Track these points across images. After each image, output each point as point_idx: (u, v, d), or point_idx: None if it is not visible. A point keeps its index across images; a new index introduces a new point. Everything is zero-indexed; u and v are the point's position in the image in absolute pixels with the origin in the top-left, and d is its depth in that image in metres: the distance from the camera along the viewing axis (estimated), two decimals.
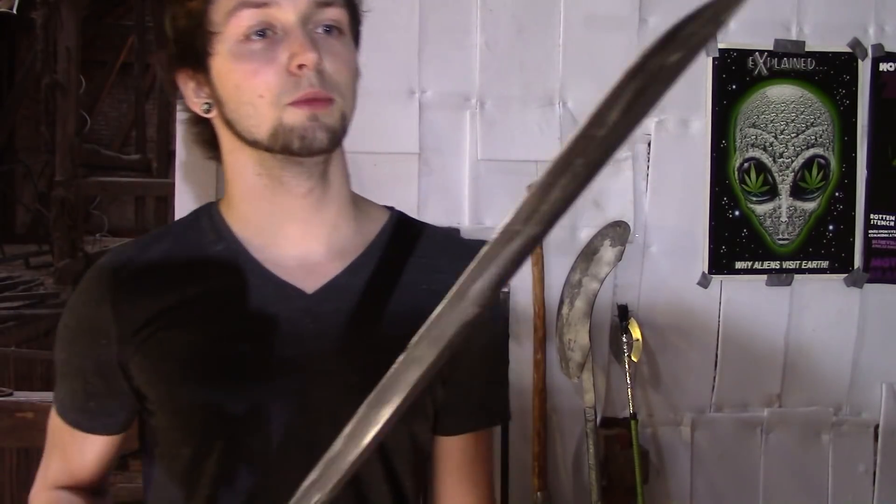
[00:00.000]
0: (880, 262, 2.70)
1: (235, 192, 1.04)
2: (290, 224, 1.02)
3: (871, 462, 2.75)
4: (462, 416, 1.09)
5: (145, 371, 1.00)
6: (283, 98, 0.94)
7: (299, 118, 0.95)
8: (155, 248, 1.04)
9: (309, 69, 0.94)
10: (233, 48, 0.95)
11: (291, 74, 0.94)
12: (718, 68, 2.59)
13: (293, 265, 1.02)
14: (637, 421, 2.51)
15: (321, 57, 0.95)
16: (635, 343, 2.50)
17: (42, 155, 6.61)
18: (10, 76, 9.59)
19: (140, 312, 1.00)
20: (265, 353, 0.98)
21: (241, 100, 0.95)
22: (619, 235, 2.53)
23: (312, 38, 0.95)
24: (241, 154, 1.01)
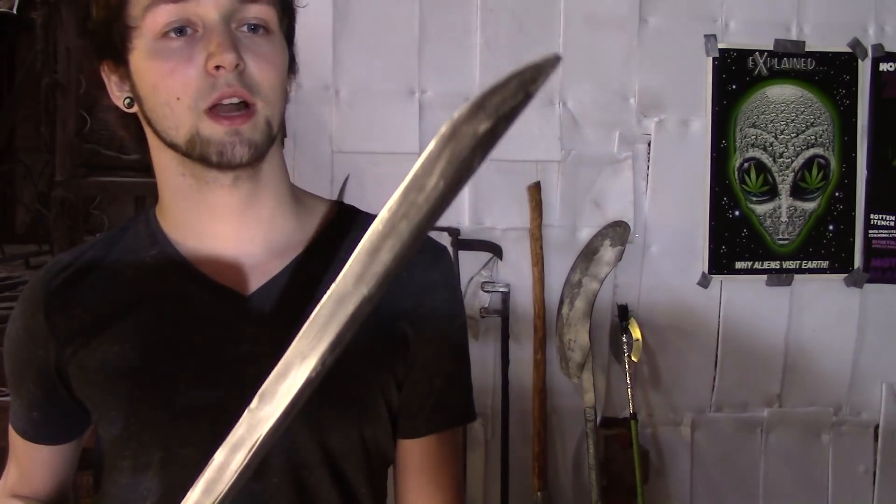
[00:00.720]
0: (880, 262, 2.70)
1: (163, 192, 1.00)
2: (220, 224, 0.96)
3: (871, 462, 2.75)
4: (420, 418, 1.02)
5: (80, 381, 0.96)
6: (200, 102, 0.88)
7: (217, 133, 0.89)
8: (89, 255, 1.00)
9: (227, 70, 0.87)
10: (150, 45, 0.89)
11: (209, 75, 0.88)
12: (718, 68, 2.59)
13: (228, 266, 0.97)
14: (637, 421, 2.51)
15: (240, 57, 0.88)
16: (635, 343, 2.50)
17: (42, 155, 6.60)
18: (10, 76, 9.57)
19: (73, 321, 0.97)
20: (202, 359, 0.94)
21: (158, 100, 0.90)
22: (619, 235, 2.53)
23: (234, 37, 0.89)
24: (163, 153, 0.95)
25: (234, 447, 0.74)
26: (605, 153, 2.55)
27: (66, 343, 0.96)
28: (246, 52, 0.89)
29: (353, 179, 2.45)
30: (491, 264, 2.51)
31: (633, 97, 2.56)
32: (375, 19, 2.45)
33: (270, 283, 0.97)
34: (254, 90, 0.90)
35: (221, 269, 0.97)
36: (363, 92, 2.45)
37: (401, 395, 1.01)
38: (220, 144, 0.89)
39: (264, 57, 0.91)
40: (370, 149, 2.46)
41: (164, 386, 0.94)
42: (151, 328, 0.95)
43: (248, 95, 0.89)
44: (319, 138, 2.44)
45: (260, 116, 0.91)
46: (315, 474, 0.95)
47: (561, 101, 2.53)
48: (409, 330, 0.99)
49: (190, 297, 0.96)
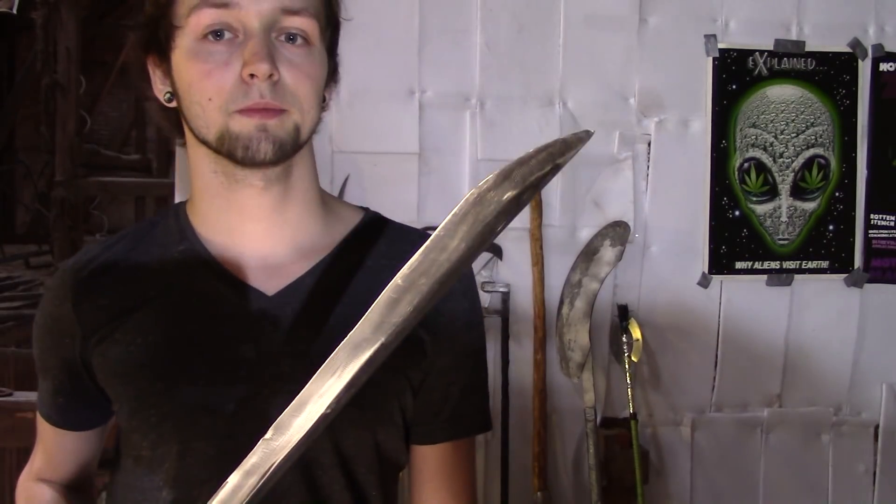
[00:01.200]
0: (880, 262, 2.70)
1: (196, 188, 1.01)
2: (250, 223, 0.98)
3: (871, 462, 2.75)
4: (435, 425, 1.05)
5: (103, 371, 0.99)
6: (230, 105, 0.91)
7: (246, 127, 0.91)
8: (119, 247, 1.03)
9: (259, 80, 0.90)
10: (191, 45, 0.92)
11: (243, 82, 0.90)
12: (718, 68, 2.59)
13: (255, 266, 0.99)
14: (637, 421, 2.51)
15: (275, 67, 0.90)
16: (635, 343, 2.50)
17: (42, 155, 6.61)
18: (10, 76, 9.59)
19: (100, 312, 0.99)
20: (222, 355, 0.96)
21: (192, 99, 0.93)
22: (619, 235, 2.53)
23: (272, 46, 0.91)
24: (198, 149, 0.98)
25: (248, 473, 0.78)
26: (605, 153, 2.55)
27: (91, 332, 0.98)
28: (282, 63, 0.91)
29: (352, 179, 2.46)
30: (491, 264, 2.51)
31: (633, 97, 2.56)
32: (375, 19, 2.45)
33: (294, 285, 0.99)
34: (286, 100, 0.92)
35: (247, 267, 0.99)
36: (363, 92, 2.45)
37: (416, 401, 1.02)
38: (247, 139, 0.91)
39: (300, 68, 0.93)
40: (370, 149, 2.46)
41: (184, 380, 0.96)
42: (174, 322, 0.97)
43: (280, 105, 0.91)
44: (319, 138, 2.43)
45: (289, 118, 0.93)
46: (328, 474, 0.97)
47: (561, 101, 2.53)
48: (426, 337, 1.00)
49: (214, 293, 0.98)
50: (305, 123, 0.95)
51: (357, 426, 0.97)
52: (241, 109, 0.91)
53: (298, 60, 0.93)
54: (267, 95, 0.90)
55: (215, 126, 0.92)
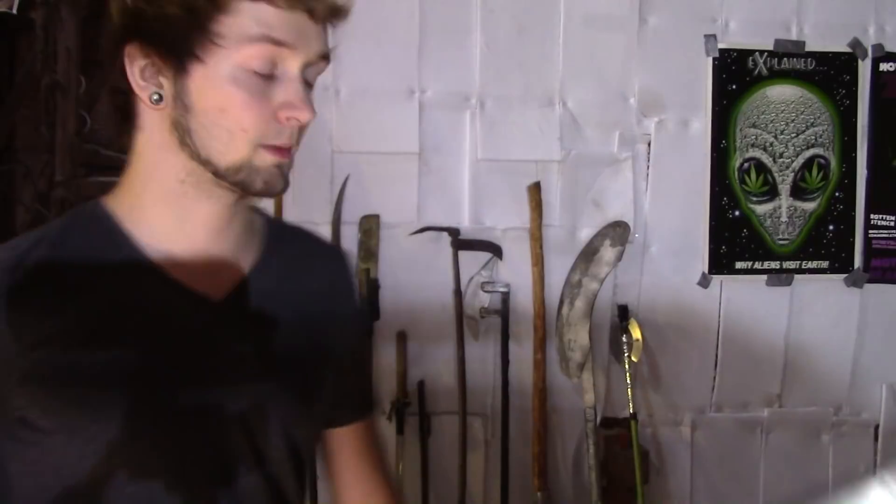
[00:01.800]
0: (880, 262, 2.70)
1: (149, 193, 0.97)
2: (205, 232, 0.97)
3: (871, 462, 2.74)
4: (346, 409, 1.15)
5: (39, 396, 0.89)
6: (261, 139, 0.92)
7: (266, 163, 0.93)
8: (36, 256, 0.93)
9: (300, 125, 0.94)
10: (234, 72, 0.90)
11: (277, 121, 0.92)
12: (718, 68, 2.59)
13: (199, 273, 0.97)
14: (637, 421, 2.51)
15: (313, 115, 0.94)
16: (635, 343, 2.50)
17: (42, 155, 6.63)
18: (10, 76, 9.60)
19: (41, 327, 0.90)
20: (185, 366, 0.95)
21: (221, 123, 0.91)
22: (619, 235, 2.53)
23: (305, 89, 0.95)
24: (171, 156, 0.94)
25: None
26: (605, 153, 2.55)
27: (31, 349, 0.89)
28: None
29: (352, 179, 2.45)
30: (491, 264, 2.51)
31: (633, 97, 2.56)
32: (375, 19, 2.45)
33: (237, 290, 1.00)
34: (297, 140, 0.96)
35: (193, 274, 0.97)
36: (363, 92, 2.45)
37: (327, 392, 1.08)
38: (266, 174, 0.94)
39: (313, 111, 0.97)
40: (370, 149, 2.46)
41: (154, 394, 0.93)
42: (133, 337, 0.93)
43: (294, 145, 0.96)
44: (319, 138, 2.44)
45: (293, 156, 0.97)
46: (283, 469, 1.01)
47: (561, 101, 2.53)
48: (325, 338, 1.07)
49: (163, 302, 0.96)
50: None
51: (300, 422, 1.03)
52: (267, 145, 0.92)
53: (313, 105, 0.97)
54: (294, 138, 0.94)
55: (238, 155, 0.92)
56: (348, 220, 2.46)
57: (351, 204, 2.46)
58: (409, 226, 2.48)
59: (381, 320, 2.46)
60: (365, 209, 2.47)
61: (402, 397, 2.45)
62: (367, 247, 2.45)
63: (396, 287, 2.48)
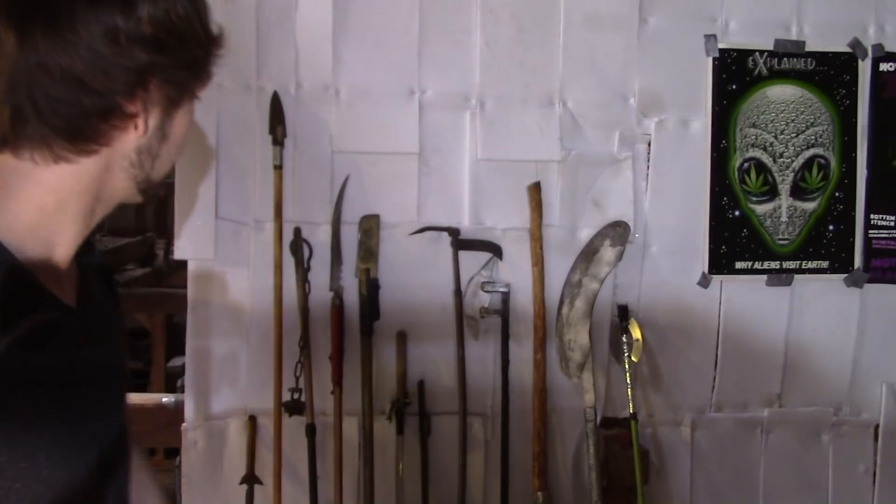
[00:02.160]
0: (880, 262, 2.70)
1: (56, 206, 0.98)
2: (76, 238, 1.02)
3: (871, 462, 2.75)
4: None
5: None
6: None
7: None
8: None
9: None
10: (193, 105, 1.07)
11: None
12: (718, 68, 2.59)
13: (58, 279, 0.99)
14: (637, 421, 2.51)
15: None
16: (635, 343, 2.50)
17: None
18: None
19: None
20: (74, 380, 0.97)
21: (179, 149, 1.06)
22: (619, 235, 2.53)
23: None
24: (110, 175, 1.01)
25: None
26: (605, 153, 2.55)
27: None
28: None
29: (353, 179, 2.45)
30: (491, 264, 2.51)
31: (633, 97, 2.56)
32: (375, 19, 2.45)
33: (81, 297, 1.05)
34: None
35: (57, 284, 0.99)
36: (363, 92, 2.45)
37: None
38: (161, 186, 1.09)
39: None
40: (370, 149, 2.46)
41: (52, 415, 0.92)
42: (28, 352, 0.90)
43: None
44: (319, 138, 2.44)
45: None
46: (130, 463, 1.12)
47: (561, 101, 2.53)
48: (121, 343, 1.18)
49: (40, 307, 0.94)
50: None
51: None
52: None
53: None
54: None
55: (167, 172, 1.07)
56: (348, 220, 2.46)
57: (351, 204, 2.46)
58: (409, 226, 2.48)
59: (381, 320, 2.46)
60: (365, 209, 2.47)
61: (402, 397, 2.46)
62: (367, 247, 2.45)
63: (396, 287, 2.48)
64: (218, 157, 2.40)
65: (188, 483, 2.46)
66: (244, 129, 2.40)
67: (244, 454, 2.42)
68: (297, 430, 2.40)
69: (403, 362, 2.48)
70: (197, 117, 2.48)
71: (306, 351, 2.40)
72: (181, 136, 1.05)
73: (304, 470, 2.40)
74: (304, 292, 2.42)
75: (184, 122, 1.05)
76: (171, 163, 1.06)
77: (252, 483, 2.38)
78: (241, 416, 2.46)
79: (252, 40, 2.40)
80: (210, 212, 2.40)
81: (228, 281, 2.44)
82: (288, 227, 2.42)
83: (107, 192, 1.01)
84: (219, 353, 2.46)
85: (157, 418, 2.60)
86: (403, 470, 2.47)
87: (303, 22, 2.43)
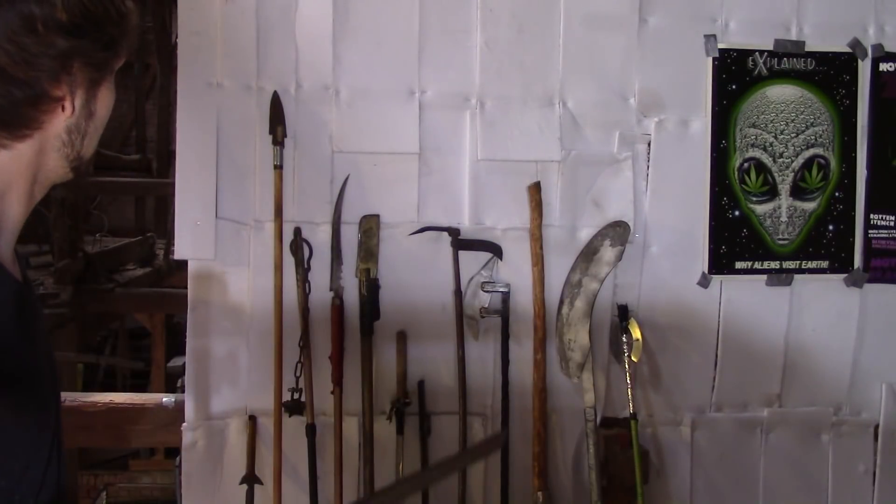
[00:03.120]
0: (880, 262, 2.70)
1: (1, 191, 1.05)
2: (20, 224, 1.09)
3: (871, 462, 2.75)
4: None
5: None
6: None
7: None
8: None
9: None
10: (111, 81, 1.11)
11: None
12: (718, 68, 2.59)
13: (8, 264, 1.07)
14: (637, 421, 2.51)
15: None
16: (635, 343, 2.50)
17: None
18: None
19: None
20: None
21: (104, 124, 1.11)
22: (619, 235, 2.53)
23: None
24: (44, 157, 1.06)
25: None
26: (605, 153, 2.55)
27: None
28: None
29: (353, 179, 2.45)
30: (491, 264, 2.51)
31: (633, 97, 2.56)
32: (375, 19, 2.45)
33: (24, 278, 1.11)
34: None
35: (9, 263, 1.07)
36: (363, 92, 2.45)
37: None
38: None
39: None
40: (370, 149, 2.46)
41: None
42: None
43: None
44: (319, 138, 2.44)
45: None
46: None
47: (561, 101, 2.53)
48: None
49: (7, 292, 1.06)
50: None
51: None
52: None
53: None
54: None
55: (94, 147, 1.11)
56: (348, 220, 2.46)
57: (351, 204, 2.46)
58: (409, 226, 2.48)
59: (381, 320, 2.46)
60: (365, 209, 2.47)
61: (402, 397, 2.46)
62: (367, 247, 2.45)
63: (396, 287, 2.48)
64: (218, 157, 2.40)
65: (188, 483, 2.46)
66: (244, 129, 2.40)
67: (244, 454, 2.42)
68: (297, 430, 2.40)
69: (403, 362, 2.48)
70: (197, 117, 2.48)
71: (306, 351, 2.40)
72: (106, 112, 1.10)
73: (304, 470, 2.40)
74: (304, 292, 2.42)
75: (107, 98, 1.09)
76: (97, 139, 1.10)
77: (252, 483, 2.38)
78: (241, 416, 2.46)
79: (252, 40, 2.40)
80: (210, 212, 2.40)
81: (228, 281, 2.44)
82: (288, 227, 2.42)
83: (43, 174, 1.07)
84: (219, 353, 2.46)
85: (157, 418, 2.60)
86: (403, 470, 2.47)
87: (303, 22, 2.43)
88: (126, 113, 8.94)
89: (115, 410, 2.59)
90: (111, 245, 6.29)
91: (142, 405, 2.64)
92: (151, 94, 8.79)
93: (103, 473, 6.27)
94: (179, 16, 2.43)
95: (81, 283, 5.21)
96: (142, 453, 6.89)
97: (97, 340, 8.15)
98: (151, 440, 2.91)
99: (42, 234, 7.24)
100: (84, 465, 6.00)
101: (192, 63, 2.38)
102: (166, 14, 7.71)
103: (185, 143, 2.40)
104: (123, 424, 2.59)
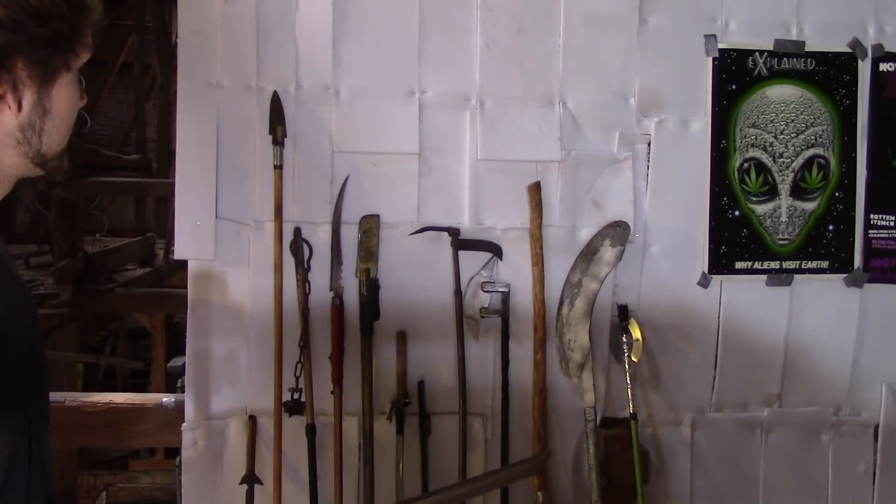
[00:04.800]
0: (880, 262, 2.70)
1: None
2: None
3: (871, 462, 2.75)
4: None
5: None
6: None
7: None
8: None
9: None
10: (76, 75, 1.08)
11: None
12: (718, 68, 2.59)
13: None
14: (637, 421, 2.51)
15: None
16: (635, 343, 2.50)
17: None
18: None
19: None
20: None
21: (67, 122, 1.08)
22: (619, 235, 2.53)
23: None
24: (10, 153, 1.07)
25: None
26: (605, 153, 2.55)
27: None
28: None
29: (353, 179, 2.46)
30: (491, 264, 2.51)
31: (633, 97, 2.56)
32: (375, 19, 2.45)
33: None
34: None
35: None
36: (363, 92, 2.45)
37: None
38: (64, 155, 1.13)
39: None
40: (370, 149, 2.46)
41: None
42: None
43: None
44: (319, 138, 2.44)
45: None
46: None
47: (561, 101, 2.53)
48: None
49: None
50: None
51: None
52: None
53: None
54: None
55: (63, 144, 1.10)
56: (348, 220, 2.46)
57: (351, 204, 2.46)
58: (409, 226, 2.48)
59: (381, 320, 2.46)
60: (365, 209, 2.47)
61: (402, 397, 2.46)
62: (367, 247, 2.45)
63: (396, 287, 2.48)
64: (218, 157, 2.40)
65: (188, 483, 2.46)
66: (244, 129, 2.40)
67: (244, 454, 2.42)
68: (297, 430, 2.40)
69: (403, 362, 2.48)
70: (197, 117, 2.47)
71: (306, 351, 2.40)
72: (66, 110, 1.07)
73: (304, 470, 2.40)
74: (304, 292, 2.42)
75: (65, 96, 1.06)
76: (62, 136, 1.09)
77: (252, 483, 2.38)
78: (241, 416, 2.46)
79: (252, 40, 2.40)
80: (210, 212, 2.40)
81: (228, 281, 2.44)
82: (288, 227, 2.42)
83: (1, 171, 1.07)
84: (219, 353, 2.46)
85: (157, 418, 2.60)
86: (403, 470, 2.47)
87: (303, 22, 2.43)
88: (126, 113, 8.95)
89: (115, 410, 2.59)
90: (111, 245, 6.29)
91: (142, 405, 2.63)
92: (151, 94, 8.80)
93: (103, 473, 6.28)
94: (179, 16, 2.43)
95: (81, 283, 5.21)
96: (142, 453, 6.90)
97: (97, 340, 8.16)
98: (151, 440, 2.91)
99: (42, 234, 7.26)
100: (84, 465, 6.00)
101: (192, 63, 2.38)
102: (166, 14, 7.71)
103: (185, 143, 2.40)
104: (123, 424, 2.59)
